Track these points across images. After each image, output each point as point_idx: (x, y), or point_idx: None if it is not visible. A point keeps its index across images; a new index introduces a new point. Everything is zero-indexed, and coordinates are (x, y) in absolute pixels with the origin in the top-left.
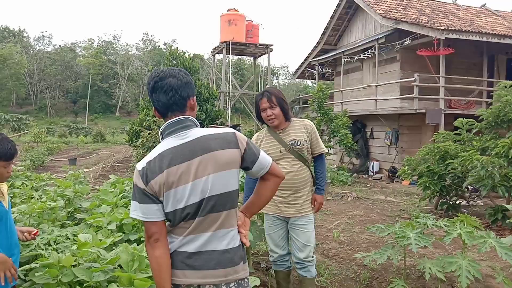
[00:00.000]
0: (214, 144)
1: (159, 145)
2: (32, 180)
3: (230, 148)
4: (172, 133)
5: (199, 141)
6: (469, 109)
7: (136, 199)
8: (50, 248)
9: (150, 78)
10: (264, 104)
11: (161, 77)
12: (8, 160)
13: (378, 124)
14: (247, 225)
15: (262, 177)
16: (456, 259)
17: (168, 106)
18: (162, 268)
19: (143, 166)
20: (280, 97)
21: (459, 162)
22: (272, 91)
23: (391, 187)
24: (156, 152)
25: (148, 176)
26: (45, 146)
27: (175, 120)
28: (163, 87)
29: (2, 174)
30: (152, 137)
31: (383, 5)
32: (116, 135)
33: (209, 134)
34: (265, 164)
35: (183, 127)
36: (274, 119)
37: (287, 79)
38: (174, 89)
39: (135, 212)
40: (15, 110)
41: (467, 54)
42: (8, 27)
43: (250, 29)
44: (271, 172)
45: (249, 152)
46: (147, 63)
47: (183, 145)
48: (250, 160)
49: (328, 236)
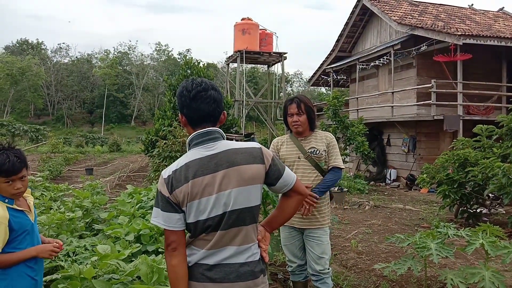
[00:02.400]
0: (240, 158)
1: (185, 155)
2: (51, 191)
3: (255, 163)
4: (200, 144)
5: (225, 154)
6: (488, 115)
7: (159, 206)
8: (69, 259)
9: (190, 87)
10: (292, 110)
11: (204, 87)
12: (7, 176)
13: (394, 131)
14: (267, 239)
15: (285, 193)
16: (479, 270)
17: (205, 117)
18: (178, 277)
19: (168, 174)
20: (309, 106)
21: (480, 170)
22: (303, 99)
23: (409, 195)
24: (183, 162)
25: (173, 184)
26: (63, 156)
27: (204, 131)
28: (206, 98)
29: (7, 190)
30: (168, 147)
31: (398, 11)
32: (131, 144)
33: (236, 148)
34: (289, 181)
35: (211, 139)
36: (299, 125)
37: (301, 87)
38: (216, 101)
39: (156, 219)
40: (33, 121)
41: (485, 59)
42: (27, 40)
43: (264, 38)
44: (295, 189)
45: (273, 168)
46: (161, 73)
47: (210, 157)
48: (274, 177)
49: (346, 246)
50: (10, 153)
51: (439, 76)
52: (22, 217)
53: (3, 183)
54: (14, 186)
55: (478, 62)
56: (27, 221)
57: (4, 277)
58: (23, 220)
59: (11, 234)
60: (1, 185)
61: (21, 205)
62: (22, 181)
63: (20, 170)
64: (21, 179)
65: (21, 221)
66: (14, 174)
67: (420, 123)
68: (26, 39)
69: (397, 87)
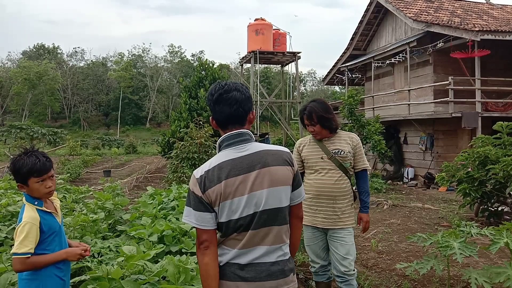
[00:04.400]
0: (271, 160)
1: (217, 156)
2: (72, 193)
3: (285, 165)
4: (231, 145)
5: (257, 155)
6: (507, 111)
7: (191, 205)
8: (95, 260)
9: (214, 90)
10: (306, 121)
11: (226, 89)
12: (40, 176)
13: (411, 129)
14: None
15: (290, 222)
16: (504, 269)
17: (230, 118)
18: (209, 274)
19: (201, 174)
20: (320, 115)
21: (501, 167)
22: (312, 109)
23: (428, 194)
24: (215, 162)
25: (206, 184)
26: (81, 159)
27: (235, 133)
28: (228, 99)
29: (39, 190)
30: (185, 148)
31: (413, 8)
32: (147, 146)
33: (267, 150)
34: (302, 194)
35: (242, 140)
36: (316, 134)
37: (314, 86)
38: (238, 102)
39: (188, 217)
40: (50, 124)
41: (504, 54)
42: (43, 45)
43: (278, 38)
44: (299, 207)
45: (297, 175)
46: (175, 74)
47: (242, 158)
48: (295, 183)
49: (366, 245)
50: (38, 154)
51: (456, 73)
52: (50, 219)
53: (35, 183)
54: (46, 185)
55: (496, 58)
56: (55, 223)
57: (35, 277)
58: (52, 222)
59: (41, 235)
60: (33, 185)
61: (49, 207)
62: (52, 180)
63: (50, 168)
64: (51, 178)
65: (50, 222)
66: (45, 173)
67: (437, 120)
68: (43, 44)
69: (413, 85)
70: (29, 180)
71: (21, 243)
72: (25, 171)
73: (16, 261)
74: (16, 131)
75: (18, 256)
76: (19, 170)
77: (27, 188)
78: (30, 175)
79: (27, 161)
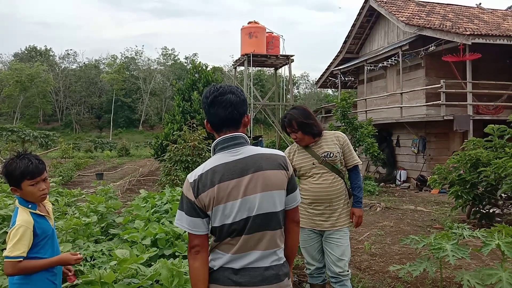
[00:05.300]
0: (265, 164)
1: (210, 159)
2: (64, 196)
3: (280, 169)
4: (225, 149)
5: (251, 159)
6: (498, 114)
7: (183, 209)
8: (88, 264)
9: (209, 92)
10: (288, 129)
11: (220, 92)
12: (33, 178)
13: (404, 132)
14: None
15: (286, 226)
16: (496, 271)
17: (225, 121)
18: (199, 279)
19: (194, 178)
20: (300, 121)
21: (492, 170)
22: (292, 116)
23: (420, 196)
24: (209, 166)
25: (199, 188)
26: (73, 162)
27: (229, 136)
28: (223, 102)
29: (33, 193)
30: (179, 151)
31: (405, 12)
32: (140, 149)
33: (261, 153)
34: (297, 199)
35: (236, 144)
36: (299, 141)
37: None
38: (233, 105)
39: (180, 221)
40: (42, 127)
41: (494, 58)
42: (35, 47)
43: (271, 41)
44: (295, 211)
45: (292, 179)
46: (169, 77)
47: (235, 162)
48: (290, 187)
49: (359, 248)
50: (30, 156)
51: (448, 76)
52: (44, 222)
53: (29, 186)
54: (39, 188)
55: (487, 61)
56: (48, 226)
57: (27, 281)
58: (45, 225)
59: (34, 239)
60: (27, 188)
61: (42, 211)
62: (45, 182)
63: (43, 171)
64: (44, 181)
65: (43, 226)
66: (38, 176)
67: (429, 123)
68: (35, 46)
69: (405, 88)
70: (23, 183)
71: (14, 246)
72: (18, 174)
73: (7, 264)
74: (8, 133)
75: (10, 260)
76: (12, 173)
77: (21, 192)
78: (23, 178)
79: (19, 164)
